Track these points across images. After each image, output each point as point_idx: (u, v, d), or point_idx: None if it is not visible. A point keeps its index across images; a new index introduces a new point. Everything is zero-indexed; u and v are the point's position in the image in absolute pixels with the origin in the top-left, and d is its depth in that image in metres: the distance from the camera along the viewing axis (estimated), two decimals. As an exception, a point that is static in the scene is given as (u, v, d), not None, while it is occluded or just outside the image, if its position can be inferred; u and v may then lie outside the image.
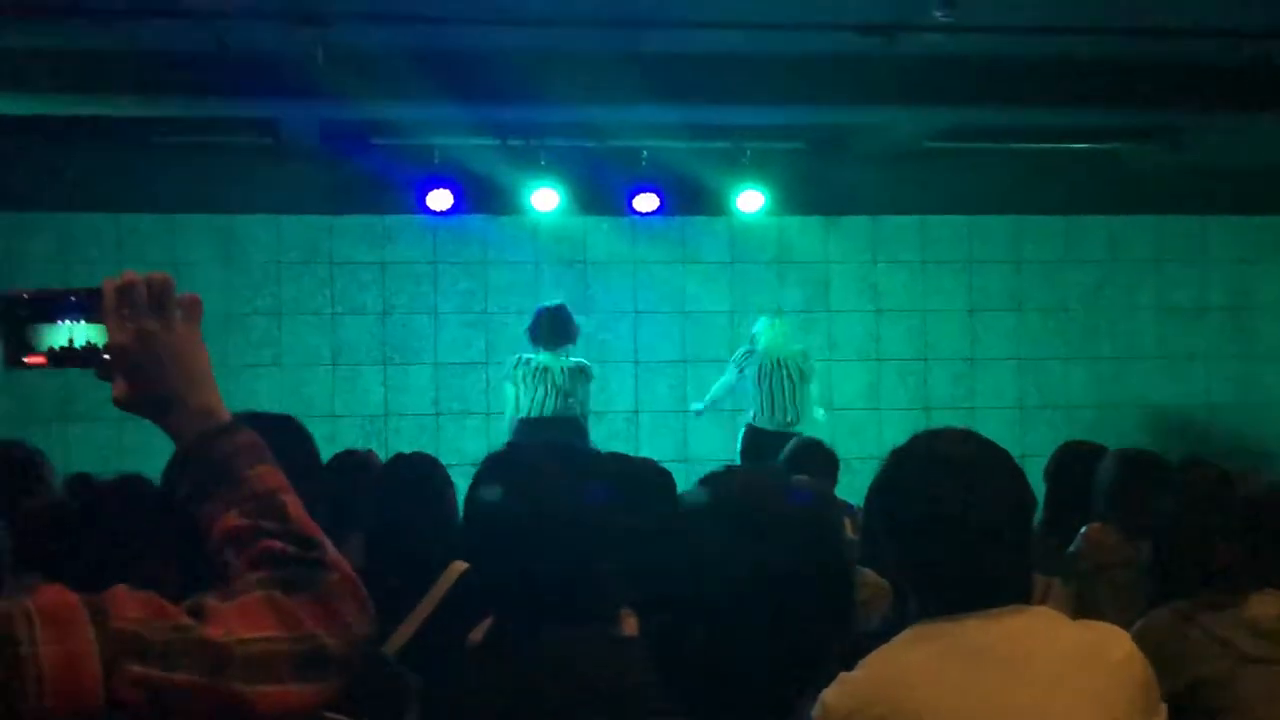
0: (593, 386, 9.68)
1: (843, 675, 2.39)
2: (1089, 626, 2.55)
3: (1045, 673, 2.37)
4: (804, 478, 6.32)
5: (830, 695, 2.31)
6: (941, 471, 2.48)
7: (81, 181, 10.41)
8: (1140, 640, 2.59)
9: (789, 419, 9.94)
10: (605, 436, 10.54)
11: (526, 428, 9.40)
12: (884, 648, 2.47)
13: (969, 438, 2.57)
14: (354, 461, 5.51)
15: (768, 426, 9.90)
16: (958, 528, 2.43)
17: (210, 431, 1.59)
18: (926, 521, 2.46)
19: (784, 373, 10.01)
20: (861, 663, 2.44)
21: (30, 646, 1.29)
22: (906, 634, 2.48)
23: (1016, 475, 2.53)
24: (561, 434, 9.24)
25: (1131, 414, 11.53)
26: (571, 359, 9.53)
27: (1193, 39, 8.72)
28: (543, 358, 9.45)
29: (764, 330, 10.14)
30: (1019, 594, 2.49)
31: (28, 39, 8.35)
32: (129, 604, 1.37)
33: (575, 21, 8.20)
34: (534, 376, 9.42)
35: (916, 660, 2.41)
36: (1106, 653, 2.44)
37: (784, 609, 1.78)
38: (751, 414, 10.08)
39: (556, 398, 9.43)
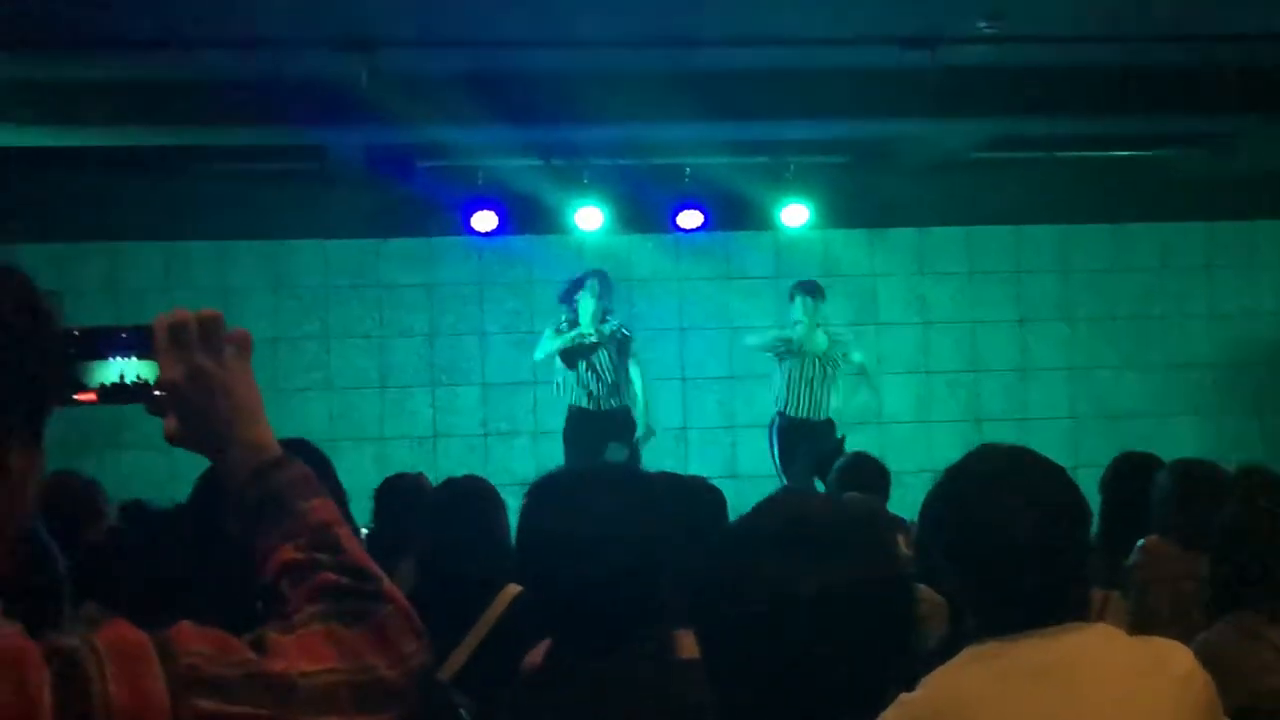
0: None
1: (902, 697, 2.36)
2: (1149, 642, 2.52)
3: (1106, 691, 2.35)
4: (855, 494, 6.31)
5: (890, 715, 2.29)
6: (997, 489, 2.46)
7: (130, 210, 10.50)
8: (1202, 654, 2.56)
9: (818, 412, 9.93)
10: (654, 455, 10.53)
11: None
12: (943, 668, 2.45)
13: (1023, 454, 2.55)
14: (404, 485, 5.52)
15: (795, 416, 9.93)
16: (1014, 546, 2.41)
17: (263, 466, 1.60)
18: (983, 540, 2.44)
19: (815, 368, 9.98)
20: (921, 683, 2.42)
21: (100, 684, 1.30)
22: (965, 654, 2.46)
23: (1072, 490, 2.51)
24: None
25: (1186, 423, 11.42)
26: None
27: (1241, 44, 8.66)
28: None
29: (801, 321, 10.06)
30: (1077, 610, 2.47)
31: (76, 71, 8.44)
32: (194, 639, 1.37)
33: (619, 40, 8.21)
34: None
35: (975, 681, 2.39)
36: (1168, 668, 2.41)
37: (845, 630, 1.77)
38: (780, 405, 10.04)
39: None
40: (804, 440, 9.75)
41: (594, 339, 9.66)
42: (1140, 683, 2.37)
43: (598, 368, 9.72)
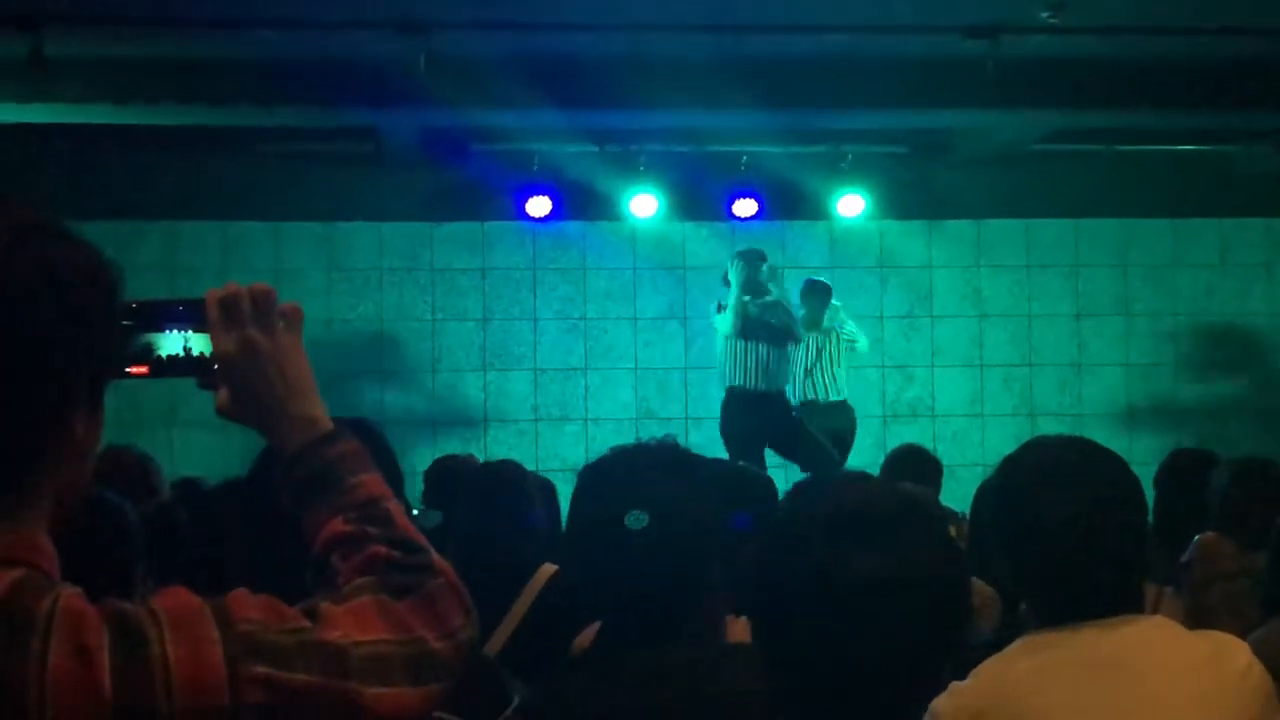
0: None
1: (954, 684, 2.35)
2: (1206, 636, 2.50)
3: (1162, 683, 2.33)
4: (907, 484, 6.28)
5: (941, 703, 2.28)
6: (1057, 480, 2.44)
7: (187, 190, 10.58)
8: (1258, 651, 2.53)
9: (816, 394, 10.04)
10: (703, 442, 10.52)
11: None
12: (997, 657, 2.44)
13: (1084, 445, 2.54)
14: (455, 467, 5.55)
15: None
16: (1074, 537, 2.40)
17: (314, 440, 1.61)
18: (1042, 530, 2.42)
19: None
20: (974, 671, 2.41)
21: (159, 646, 1.31)
22: (1020, 643, 2.45)
23: (1133, 483, 2.49)
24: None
25: (1243, 420, 11.30)
26: None
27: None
28: None
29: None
30: (1133, 603, 2.45)
31: (132, 49, 8.49)
32: (250, 606, 1.38)
33: (675, 26, 8.19)
34: None
35: (1030, 670, 2.37)
36: (1226, 663, 2.39)
37: (900, 616, 1.77)
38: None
39: None
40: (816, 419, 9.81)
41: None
42: (1197, 676, 2.35)
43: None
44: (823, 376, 10.08)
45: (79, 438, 1.42)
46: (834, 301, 10.25)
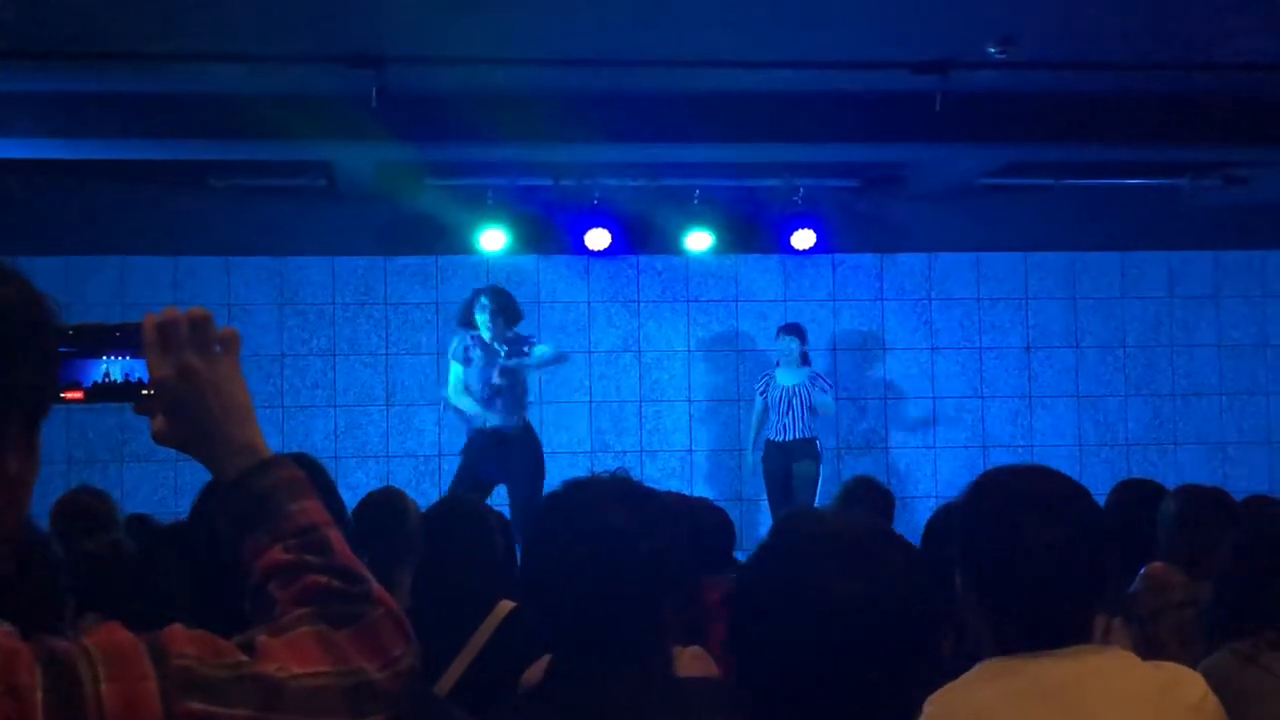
0: None
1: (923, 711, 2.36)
2: (1161, 668, 2.51)
3: (1118, 715, 2.34)
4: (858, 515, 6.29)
5: None
6: (1036, 506, 2.45)
7: (138, 224, 10.52)
8: (1206, 680, 2.55)
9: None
10: (661, 476, 10.53)
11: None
12: (957, 683, 2.44)
13: (1056, 474, 2.54)
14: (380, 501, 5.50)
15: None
16: (1051, 565, 2.40)
17: (253, 467, 1.59)
18: (1017, 556, 2.42)
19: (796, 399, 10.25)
20: (932, 699, 2.41)
21: (92, 685, 1.30)
22: (980, 670, 2.45)
23: (1096, 511, 2.50)
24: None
25: (1192, 452, 11.40)
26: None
27: (1250, 74, 8.66)
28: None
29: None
30: (1085, 634, 2.46)
31: (85, 84, 8.45)
32: (185, 641, 1.37)
33: (627, 61, 8.23)
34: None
35: (989, 697, 2.38)
36: (1182, 695, 2.41)
37: (883, 643, 1.84)
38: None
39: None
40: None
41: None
42: (1154, 708, 2.36)
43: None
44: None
45: (12, 475, 1.40)
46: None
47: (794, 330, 10.43)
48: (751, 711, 1.91)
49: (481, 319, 9.45)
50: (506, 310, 9.52)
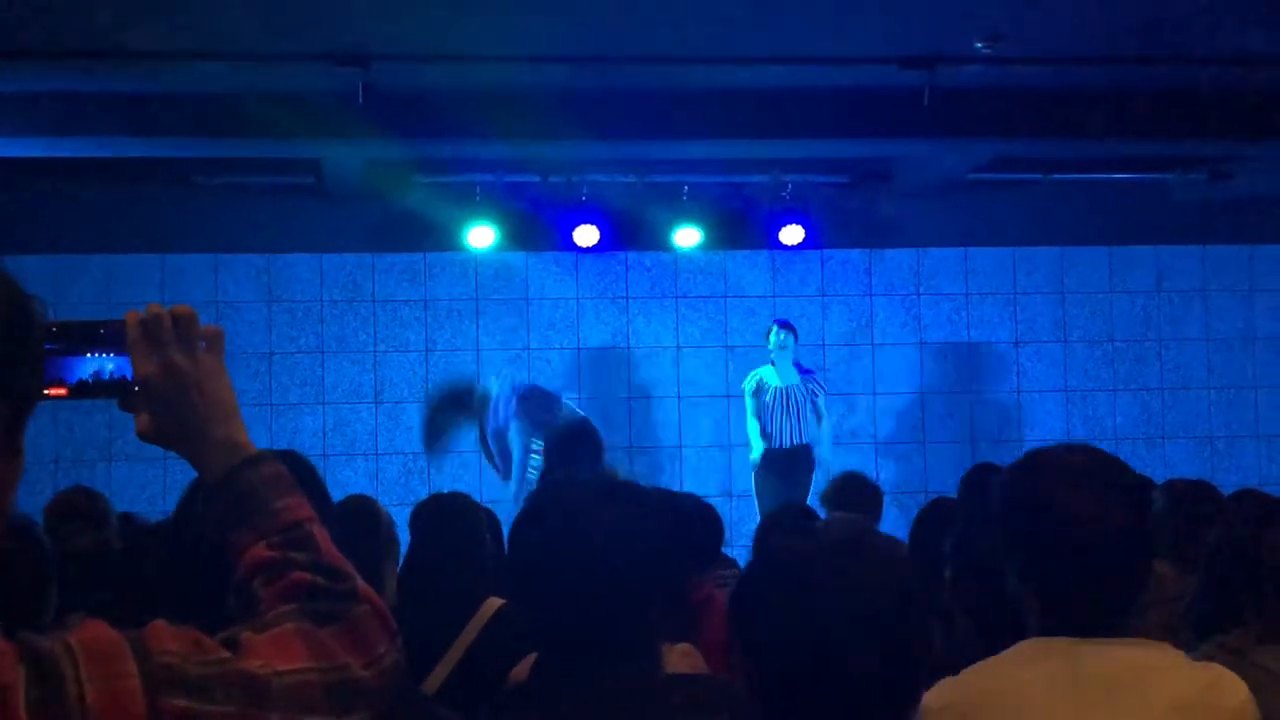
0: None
1: (948, 679, 2.35)
2: (1208, 669, 2.45)
3: (1161, 712, 2.30)
4: (841, 514, 6.29)
5: (933, 697, 2.30)
6: (1086, 481, 2.41)
7: (125, 223, 10.50)
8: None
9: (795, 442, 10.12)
10: (650, 472, 10.52)
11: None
12: (997, 659, 2.42)
13: (1096, 453, 2.51)
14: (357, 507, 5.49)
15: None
16: (1101, 537, 2.36)
17: (238, 464, 1.60)
18: (1068, 528, 2.38)
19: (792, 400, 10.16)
20: (972, 668, 2.40)
21: (75, 683, 1.30)
22: (1022, 648, 2.40)
23: (1148, 494, 2.48)
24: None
25: (1181, 446, 11.42)
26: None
27: (1237, 68, 8.67)
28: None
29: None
30: (1127, 619, 2.43)
31: (72, 83, 8.43)
32: (168, 638, 1.37)
33: (615, 58, 8.22)
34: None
35: (1032, 679, 2.34)
36: (1223, 699, 2.36)
37: (889, 642, 1.91)
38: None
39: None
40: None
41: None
42: (1193, 709, 2.32)
43: None
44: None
45: None
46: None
47: (790, 327, 10.32)
48: (751, 711, 1.94)
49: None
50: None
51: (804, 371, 10.29)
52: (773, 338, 10.26)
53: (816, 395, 10.20)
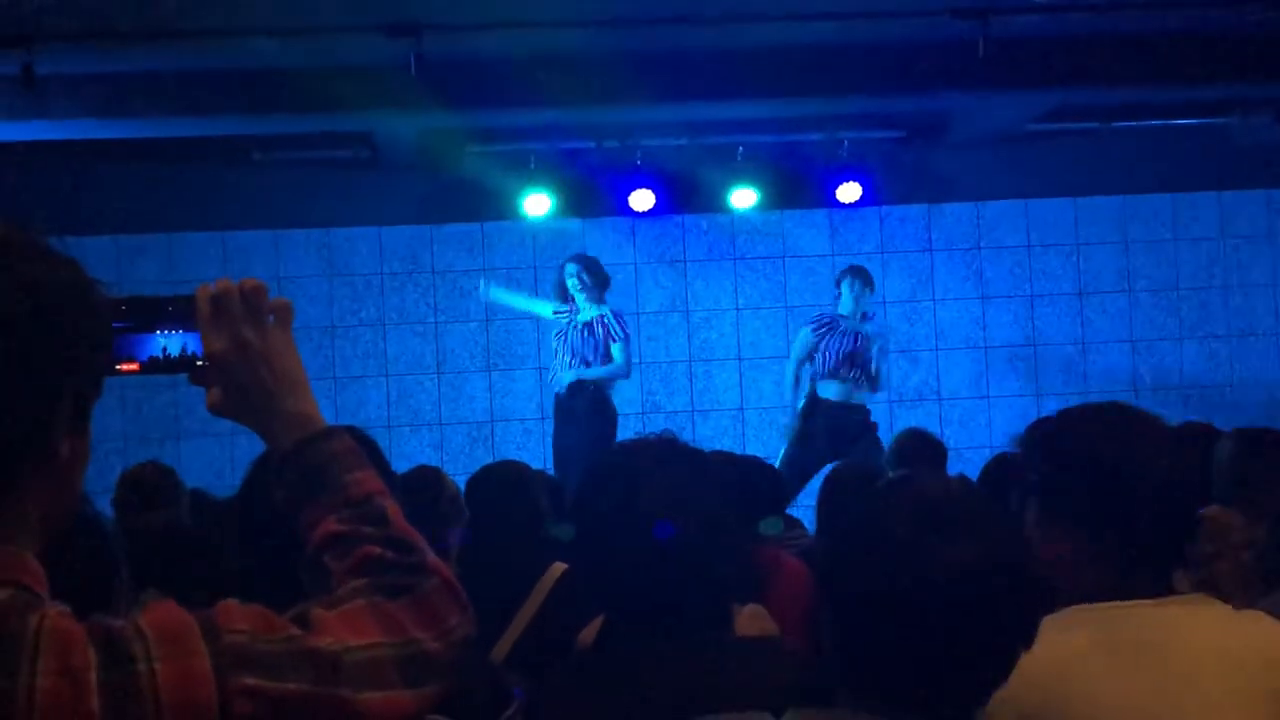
0: None
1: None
2: (1258, 620, 2.41)
3: (1214, 671, 2.27)
4: (904, 470, 6.27)
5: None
6: (1145, 431, 2.38)
7: (185, 202, 10.58)
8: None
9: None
10: (713, 434, 10.52)
11: None
12: (1045, 626, 2.38)
13: (1127, 409, 2.46)
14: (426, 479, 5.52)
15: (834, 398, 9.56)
16: (1152, 487, 2.32)
17: (307, 438, 1.60)
18: (1133, 474, 2.32)
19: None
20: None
21: (146, 664, 1.31)
22: (1071, 615, 2.33)
23: (1194, 440, 2.46)
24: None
25: (1249, 392, 11.29)
26: None
27: (1299, 7, 8.53)
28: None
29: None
30: (1171, 574, 2.39)
31: (123, 63, 8.49)
32: (238, 617, 1.38)
33: (666, 19, 8.17)
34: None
35: (1085, 647, 2.29)
36: (1267, 647, 2.32)
37: (977, 607, 1.85)
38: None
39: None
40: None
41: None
42: (1252, 666, 2.28)
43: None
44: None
45: (64, 458, 1.41)
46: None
47: (861, 273, 9.69)
48: (842, 674, 1.91)
49: (573, 285, 9.32)
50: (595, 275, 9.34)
51: (879, 331, 9.81)
52: (844, 287, 9.70)
53: (882, 356, 9.71)
